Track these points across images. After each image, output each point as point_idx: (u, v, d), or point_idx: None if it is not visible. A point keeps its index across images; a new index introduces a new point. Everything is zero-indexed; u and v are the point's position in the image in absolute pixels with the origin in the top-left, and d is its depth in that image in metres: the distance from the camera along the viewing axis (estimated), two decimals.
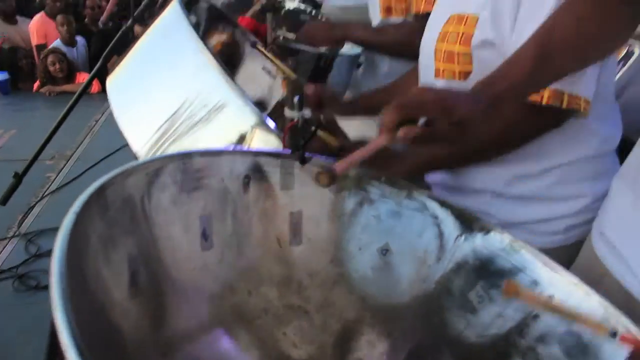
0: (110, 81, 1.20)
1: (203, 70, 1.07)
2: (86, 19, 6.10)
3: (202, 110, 1.09)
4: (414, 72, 1.43)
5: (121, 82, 1.19)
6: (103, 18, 6.03)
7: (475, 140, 1.09)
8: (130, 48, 1.25)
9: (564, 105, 1.07)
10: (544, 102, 1.07)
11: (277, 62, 1.49)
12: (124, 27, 1.64)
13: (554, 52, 0.94)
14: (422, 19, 1.41)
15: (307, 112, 0.95)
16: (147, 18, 1.86)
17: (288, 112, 0.96)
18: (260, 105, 1.46)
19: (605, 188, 1.12)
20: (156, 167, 0.83)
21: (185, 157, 0.89)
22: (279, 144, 1.02)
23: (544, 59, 0.93)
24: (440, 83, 1.24)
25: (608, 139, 1.21)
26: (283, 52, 1.62)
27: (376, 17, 1.85)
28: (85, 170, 2.49)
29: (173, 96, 1.10)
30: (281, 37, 1.60)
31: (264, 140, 1.05)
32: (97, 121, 4.33)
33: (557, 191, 1.18)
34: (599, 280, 0.96)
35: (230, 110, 1.08)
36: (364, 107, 1.49)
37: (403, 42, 1.64)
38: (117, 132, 1.19)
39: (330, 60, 1.72)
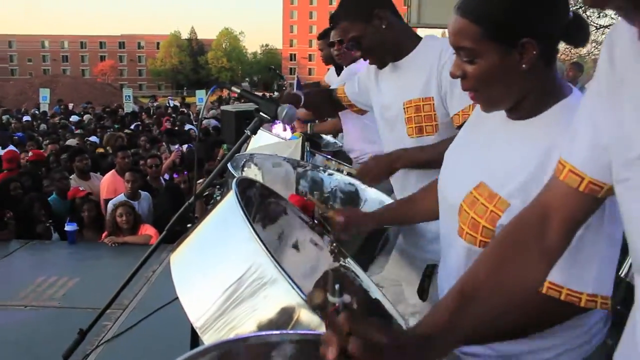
0: (173, 260, 1.36)
1: (255, 255, 1.21)
2: (148, 177, 6.63)
3: (253, 287, 1.22)
4: (432, 189, 1.61)
5: (182, 261, 1.35)
6: (163, 170, 6.61)
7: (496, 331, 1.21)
8: (192, 229, 1.42)
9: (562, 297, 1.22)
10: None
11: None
12: (186, 204, 1.85)
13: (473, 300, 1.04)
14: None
15: (347, 298, 1.06)
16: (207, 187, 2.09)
17: (330, 298, 1.07)
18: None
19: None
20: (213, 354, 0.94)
21: (239, 342, 0.99)
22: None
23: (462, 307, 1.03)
24: (460, 242, 1.36)
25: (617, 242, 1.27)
26: (326, 225, 1.79)
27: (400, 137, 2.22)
28: (140, 320, 2.54)
29: (227, 276, 1.24)
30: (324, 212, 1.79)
31: (309, 320, 1.15)
32: (154, 272, 4.51)
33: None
34: None
35: (277, 290, 1.19)
36: (390, 218, 1.74)
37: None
38: (173, 283, 1.30)
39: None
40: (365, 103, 2.56)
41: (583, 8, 18.67)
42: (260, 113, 1.88)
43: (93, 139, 10.97)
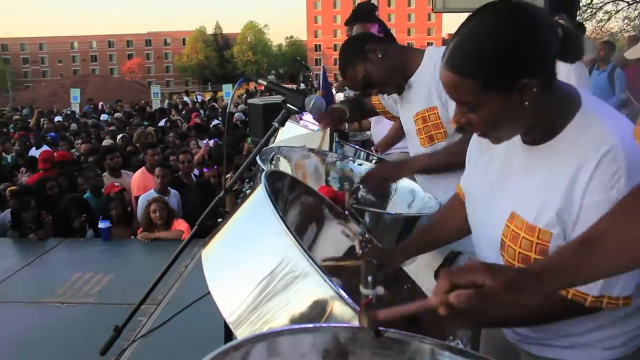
0: (205, 255, 1.35)
1: (286, 249, 1.20)
2: (179, 172, 6.67)
3: (285, 280, 1.21)
4: (449, 210, 1.68)
5: (214, 257, 1.34)
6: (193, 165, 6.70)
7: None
8: (223, 224, 1.42)
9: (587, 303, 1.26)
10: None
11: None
12: (216, 199, 1.85)
13: (602, 248, 1.07)
14: None
15: (380, 290, 1.04)
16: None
17: (363, 290, 1.06)
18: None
19: None
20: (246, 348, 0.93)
21: (272, 335, 0.98)
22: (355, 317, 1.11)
23: (591, 254, 1.05)
24: None
25: None
26: (357, 216, 1.77)
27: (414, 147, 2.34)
28: (174, 315, 2.55)
29: (259, 271, 1.23)
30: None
31: (342, 313, 1.14)
32: (186, 267, 4.56)
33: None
34: None
35: (309, 283, 1.18)
36: (413, 251, 1.72)
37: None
38: (205, 278, 1.30)
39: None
40: (398, 111, 2.64)
41: None
42: (288, 105, 1.87)
43: (121, 135, 11.08)
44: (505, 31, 1.20)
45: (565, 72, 2.57)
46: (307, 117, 3.42)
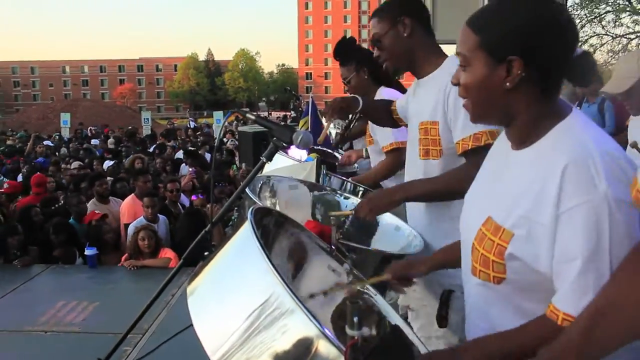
0: (190, 291, 1.35)
1: (272, 286, 1.19)
2: (166, 200, 6.67)
3: (270, 318, 1.20)
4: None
5: (199, 293, 1.34)
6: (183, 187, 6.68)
7: None
8: (209, 260, 1.42)
9: None
10: None
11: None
12: (203, 232, 1.84)
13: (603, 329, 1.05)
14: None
15: (365, 331, 1.04)
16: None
17: (349, 331, 1.06)
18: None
19: None
20: None
21: None
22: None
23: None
24: (475, 280, 1.34)
25: None
26: (343, 251, 1.78)
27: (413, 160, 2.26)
28: (160, 345, 2.45)
29: (243, 310, 1.23)
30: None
31: (327, 352, 1.13)
32: (173, 295, 4.51)
33: None
34: None
35: (294, 321, 1.18)
36: (438, 264, 1.74)
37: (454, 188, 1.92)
38: None
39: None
40: None
41: (598, 18, 18.78)
42: (275, 139, 1.88)
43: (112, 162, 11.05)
44: (529, 9, 1.25)
45: None
46: (294, 149, 3.42)
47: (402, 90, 3.32)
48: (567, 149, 1.21)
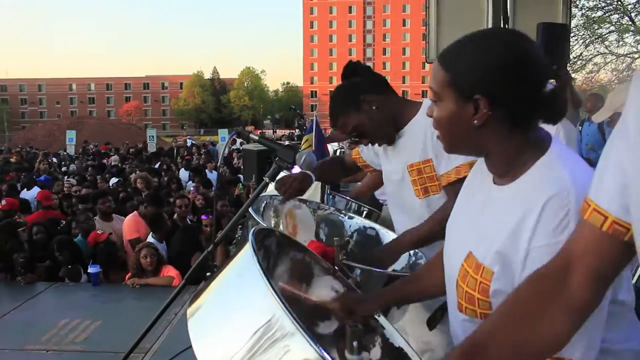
0: (190, 312, 1.34)
1: (271, 310, 1.19)
2: (175, 216, 6.67)
3: (269, 342, 1.19)
4: (436, 261, 1.60)
5: (199, 316, 1.34)
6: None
7: None
8: (210, 281, 1.41)
9: None
10: None
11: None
12: (205, 252, 1.84)
13: None
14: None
15: (365, 355, 1.04)
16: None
17: (348, 356, 1.05)
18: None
19: None
20: None
21: None
22: None
23: None
24: (462, 316, 1.34)
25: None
26: (347, 271, 1.77)
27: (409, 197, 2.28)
28: None
29: (243, 334, 1.22)
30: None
31: None
32: (176, 314, 4.49)
33: None
34: None
35: (294, 344, 1.17)
36: (394, 298, 1.68)
37: None
38: None
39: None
40: (379, 164, 2.59)
41: (601, 38, 18.86)
42: (278, 159, 1.88)
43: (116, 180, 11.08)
44: (496, 50, 1.26)
45: (553, 129, 2.61)
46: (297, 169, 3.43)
47: None
48: (547, 187, 1.22)
